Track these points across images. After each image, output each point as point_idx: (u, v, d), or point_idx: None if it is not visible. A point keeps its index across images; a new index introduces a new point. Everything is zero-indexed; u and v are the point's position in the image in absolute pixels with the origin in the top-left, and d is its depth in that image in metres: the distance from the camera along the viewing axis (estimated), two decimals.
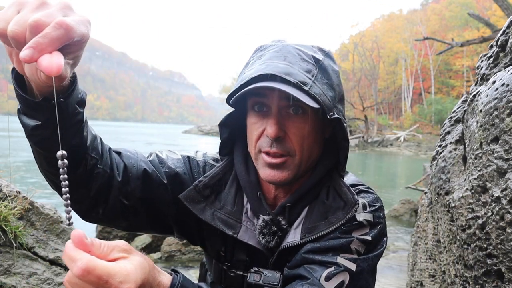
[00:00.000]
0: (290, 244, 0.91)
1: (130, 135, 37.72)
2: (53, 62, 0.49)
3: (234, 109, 0.97)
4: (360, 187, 0.99)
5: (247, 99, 0.92)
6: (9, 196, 1.84)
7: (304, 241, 0.90)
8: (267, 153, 0.88)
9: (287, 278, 0.89)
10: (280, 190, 0.97)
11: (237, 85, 0.86)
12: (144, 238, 4.60)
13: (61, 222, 2.03)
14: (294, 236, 0.92)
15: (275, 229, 0.93)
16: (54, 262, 1.90)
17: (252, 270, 0.92)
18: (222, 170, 1.00)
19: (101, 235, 4.74)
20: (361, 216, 0.90)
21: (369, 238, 0.88)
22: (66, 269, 1.92)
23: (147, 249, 4.44)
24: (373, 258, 0.89)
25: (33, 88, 0.65)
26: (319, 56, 0.90)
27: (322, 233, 0.89)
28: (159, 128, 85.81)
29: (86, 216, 0.88)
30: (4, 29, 0.51)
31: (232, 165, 1.01)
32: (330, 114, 0.85)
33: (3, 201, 1.81)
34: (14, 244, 1.77)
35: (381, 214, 0.94)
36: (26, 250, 1.83)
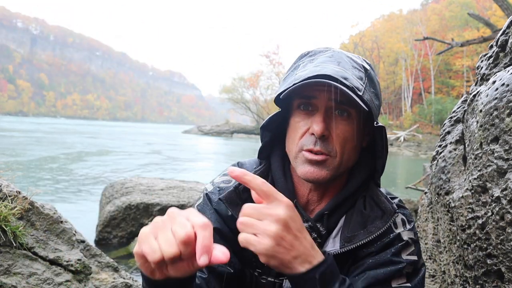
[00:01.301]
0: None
1: (130, 135, 37.72)
2: (222, 252, 0.62)
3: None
4: (396, 201, 1.00)
5: (293, 100, 0.94)
6: (9, 196, 1.84)
7: (343, 250, 0.91)
8: (310, 151, 0.89)
9: None
10: (313, 194, 0.98)
11: (291, 84, 0.86)
12: None
13: (61, 222, 2.03)
14: (333, 245, 0.93)
15: (315, 236, 0.93)
16: (54, 262, 1.90)
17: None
18: (260, 174, 1.00)
19: (101, 235, 4.74)
20: (405, 235, 0.93)
21: (415, 257, 0.91)
22: (66, 269, 1.92)
23: None
24: (421, 281, 0.92)
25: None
26: (366, 66, 0.93)
27: (361, 242, 0.90)
28: (159, 128, 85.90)
29: None
30: (160, 257, 0.60)
31: (269, 170, 1.02)
32: (376, 122, 0.88)
33: (3, 201, 1.81)
34: (14, 244, 1.77)
35: (416, 230, 0.97)
36: (26, 250, 1.83)
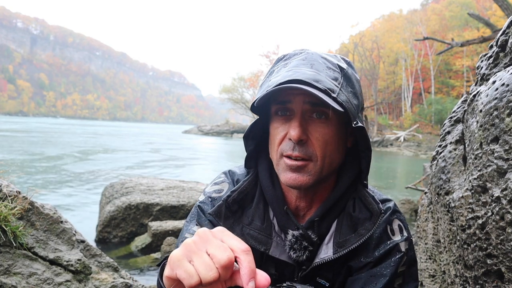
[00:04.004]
0: (324, 260, 0.92)
1: (130, 135, 37.72)
2: (264, 277, 0.58)
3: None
4: (389, 204, 1.00)
5: (271, 107, 0.93)
6: (9, 196, 1.84)
7: (337, 256, 0.91)
8: (289, 157, 0.88)
9: None
10: (301, 200, 0.97)
11: (264, 92, 0.85)
12: (144, 238, 4.60)
13: (61, 222, 2.03)
14: (326, 252, 0.93)
15: (306, 244, 0.93)
16: (54, 262, 1.90)
17: (284, 284, 0.92)
18: (249, 184, 1.00)
19: (101, 235, 4.74)
20: (403, 246, 0.94)
21: (404, 268, 0.93)
22: (65, 269, 1.92)
23: (147, 249, 4.44)
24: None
25: None
26: (343, 65, 0.91)
27: (353, 246, 0.90)
28: (159, 128, 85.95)
29: None
30: (197, 281, 0.57)
31: (257, 179, 1.01)
32: (355, 122, 0.86)
33: (3, 201, 1.81)
34: (14, 244, 1.77)
35: (412, 238, 0.98)
36: (26, 250, 1.82)
